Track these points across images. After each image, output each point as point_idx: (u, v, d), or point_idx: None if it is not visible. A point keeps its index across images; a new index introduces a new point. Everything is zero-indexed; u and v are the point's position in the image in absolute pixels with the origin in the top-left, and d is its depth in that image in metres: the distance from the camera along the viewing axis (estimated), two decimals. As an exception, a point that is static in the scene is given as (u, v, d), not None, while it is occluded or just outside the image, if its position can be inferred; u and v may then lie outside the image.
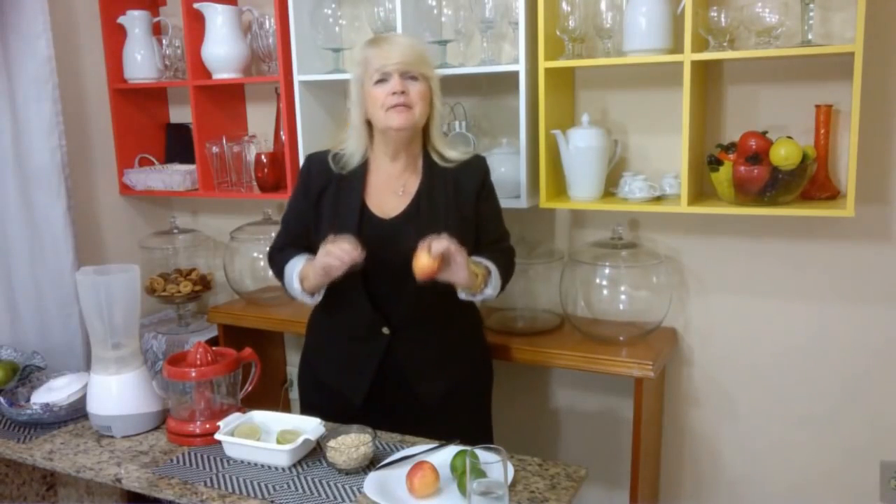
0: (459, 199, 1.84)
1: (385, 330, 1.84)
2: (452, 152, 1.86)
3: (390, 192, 1.85)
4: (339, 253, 1.67)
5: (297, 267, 1.83)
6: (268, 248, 2.01)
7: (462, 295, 1.80)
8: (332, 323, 1.93)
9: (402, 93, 1.73)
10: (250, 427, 1.70)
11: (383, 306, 1.82)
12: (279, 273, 1.91)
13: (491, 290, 1.82)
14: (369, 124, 1.82)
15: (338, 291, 1.82)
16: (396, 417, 1.82)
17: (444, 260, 1.65)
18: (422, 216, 1.81)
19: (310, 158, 1.92)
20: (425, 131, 1.85)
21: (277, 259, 1.93)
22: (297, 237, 1.91)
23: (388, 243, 1.75)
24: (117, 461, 1.69)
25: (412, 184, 1.85)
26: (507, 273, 1.90)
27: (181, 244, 2.94)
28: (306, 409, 1.96)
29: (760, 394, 2.29)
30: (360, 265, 1.69)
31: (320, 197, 1.85)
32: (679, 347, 2.37)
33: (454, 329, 1.92)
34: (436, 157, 1.85)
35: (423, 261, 1.63)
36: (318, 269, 1.73)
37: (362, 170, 1.85)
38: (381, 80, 1.75)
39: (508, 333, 2.30)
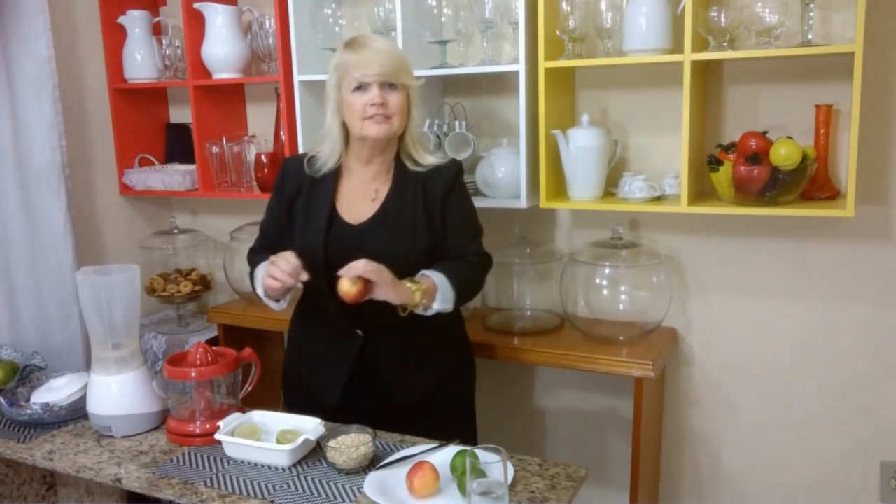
0: (428, 202, 1.81)
1: (358, 331, 1.82)
2: (430, 157, 1.84)
3: (363, 196, 1.83)
4: (276, 270, 1.67)
5: (263, 271, 1.79)
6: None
7: (401, 312, 1.72)
8: (308, 323, 1.94)
9: (382, 104, 1.71)
10: (250, 427, 1.70)
11: (354, 310, 1.75)
12: (251, 276, 1.91)
13: (439, 305, 1.72)
14: (345, 128, 1.80)
15: (310, 295, 1.83)
16: (373, 418, 1.77)
17: (367, 282, 1.63)
18: (389, 221, 1.80)
19: (286, 162, 1.92)
20: (400, 137, 1.83)
21: (252, 261, 1.94)
22: (271, 241, 1.90)
23: (355, 249, 1.72)
24: (117, 461, 1.68)
25: (384, 189, 1.84)
26: (467, 284, 1.80)
27: (181, 244, 2.94)
28: (289, 408, 1.95)
29: (760, 394, 2.29)
30: (308, 282, 1.69)
31: (293, 201, 1.85)
32: (679, 347, 2.37)
33: (430, 329, 1.83)
34: (408, 163, 1.83)
35: (344, 287, 1.63)
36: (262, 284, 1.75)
37: (335, 175, 1.84)
38: (358, 88, 1.73)
39: (508, 333, 2.30)
